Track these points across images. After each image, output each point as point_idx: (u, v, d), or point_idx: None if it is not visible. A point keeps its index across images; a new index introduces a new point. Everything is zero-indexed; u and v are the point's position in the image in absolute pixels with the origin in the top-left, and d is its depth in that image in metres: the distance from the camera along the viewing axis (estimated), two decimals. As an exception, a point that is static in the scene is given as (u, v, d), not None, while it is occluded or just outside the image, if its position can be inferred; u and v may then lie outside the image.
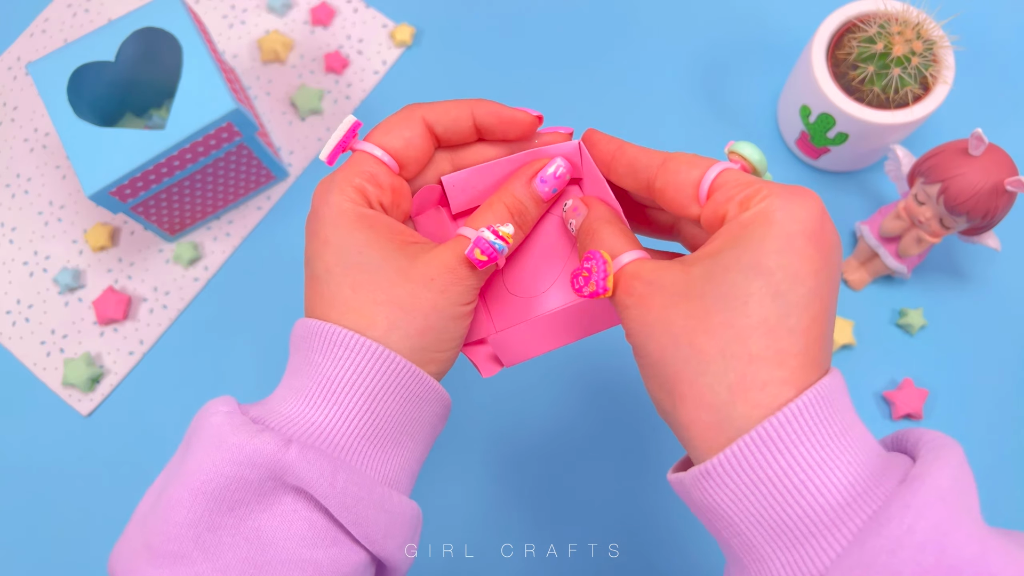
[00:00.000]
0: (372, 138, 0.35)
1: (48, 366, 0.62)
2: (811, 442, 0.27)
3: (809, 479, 0.27)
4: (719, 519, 0.29)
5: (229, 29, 0.69)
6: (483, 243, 0.33)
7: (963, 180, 0.49)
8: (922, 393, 0.58)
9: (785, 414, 0.27)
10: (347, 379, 0.32)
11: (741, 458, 0.28)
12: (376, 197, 0.34)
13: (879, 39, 0.54)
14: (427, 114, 0.35)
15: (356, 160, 0.35)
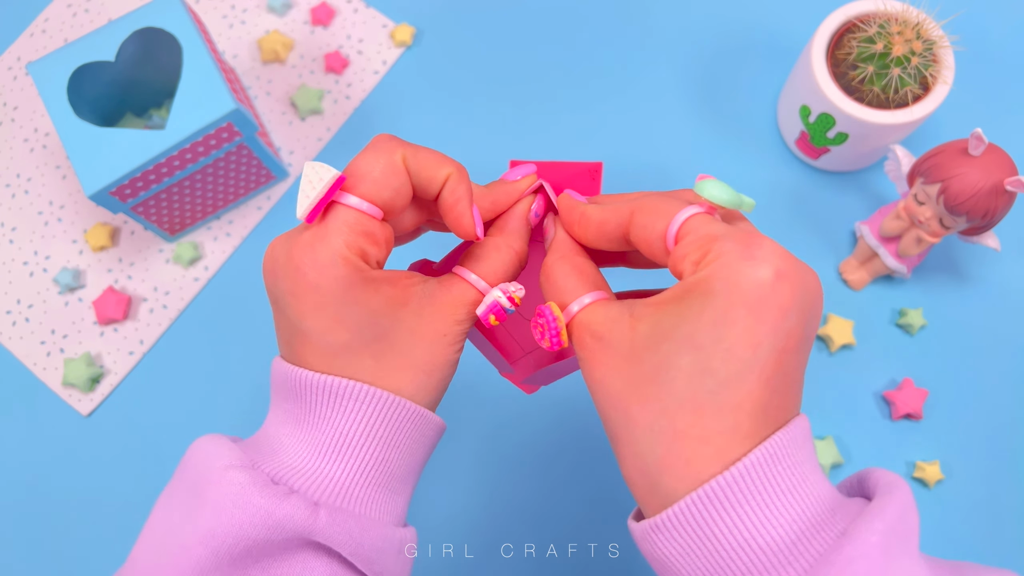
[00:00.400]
0: (361, 191, 0.32)
1: (48, 366, 0.62)
2: (742, 507, 0.27)
3: (744, 538, 0.27)
4: (666, 571, 0.30)
5: (229, 29, 0.69)
6: (497, 308, 0.33)
7: (963, 180, 0.49)
8: (922, 393, 0.58)
9: (709, 487, 0.27)
10: (360, 431, 0.32)
11: (670, 524, 0.28)
12: (375, 256, 0.32)
13: (879, 39, 0.54)
14: (411, 161, 0.33)
15: (347, 217, 0.31)
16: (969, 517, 0.57)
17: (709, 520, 0.27)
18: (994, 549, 0.57)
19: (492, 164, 0.65)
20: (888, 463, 0.58)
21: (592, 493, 0.58)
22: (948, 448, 0.58)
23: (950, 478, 0.58)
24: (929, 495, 0.57)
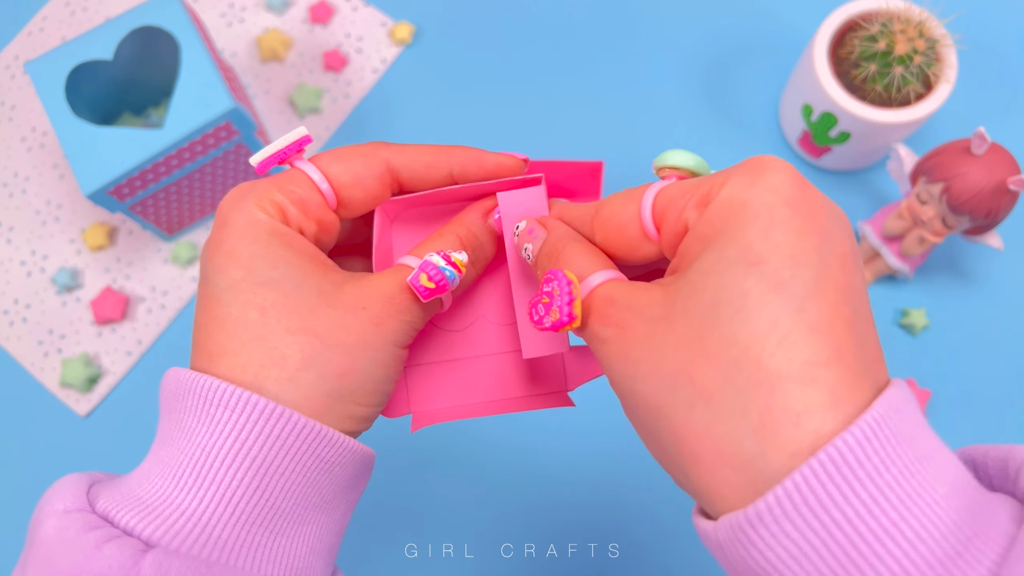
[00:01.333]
0: (319, 160, 0.29)
1: (46, 366, 0.61)
2: (876, 485, 0.20)
3: (882, 532, 0.19)
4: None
5: (227, 27, 0.69)
6: (431, 268, 0.27)
7: (966, 179, 0.49)
8: (924, 394, 0.58)
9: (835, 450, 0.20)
10: (228, 448, 0.25)
11: (781, 511, 0.20)
12: (297, 221, 0.28)
13: (881, 37, 0.53)
14: (393, 158, 0.30)
15: (288, 176, 0.29)
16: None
17: (839, 499, 0.19)
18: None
19: (492, 163, 0.64)
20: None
21: (592, 493, 0.58)
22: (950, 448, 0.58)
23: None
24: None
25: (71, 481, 0.26)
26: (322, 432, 0.26)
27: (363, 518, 0.58)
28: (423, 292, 0.27)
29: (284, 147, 0.29)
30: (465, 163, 0.30)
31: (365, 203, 0.30)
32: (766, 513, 0.20)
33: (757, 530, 0.20)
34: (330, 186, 0.29)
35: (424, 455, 0.59)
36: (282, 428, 0.25)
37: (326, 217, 0.29)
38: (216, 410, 0.25)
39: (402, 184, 0.31)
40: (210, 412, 0.25)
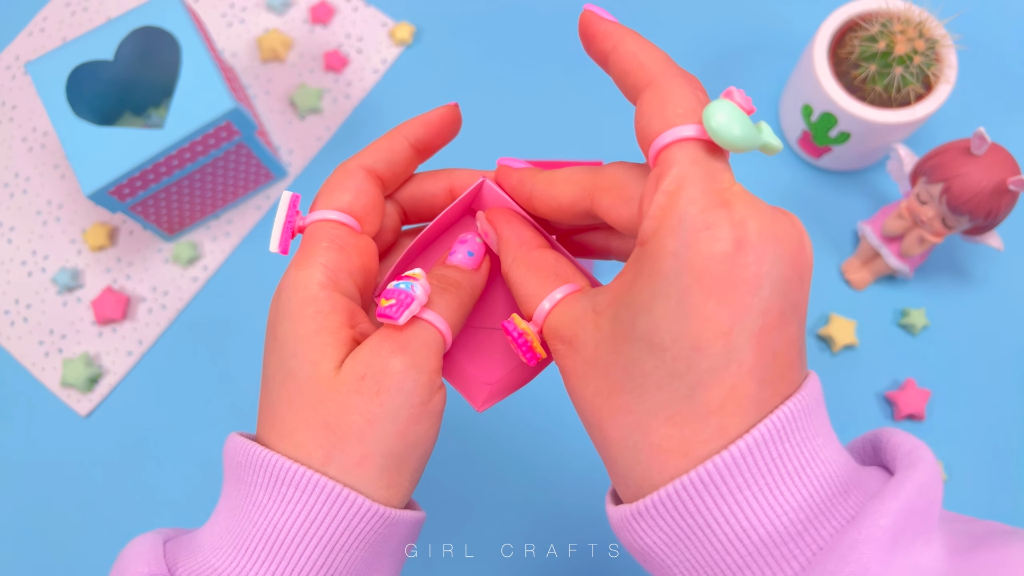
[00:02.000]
0: (317, 205, 0.30)
1: (47, 366, 0.62)
2: (740, 492, 0.24)
3: (741, 527, 0.24)
4: (648, 562, 0.26)
5: (228, 28, 0.69)
6: (388, 290, 0.27)
7: (966, 180, 0.49)
8: (924, 393, 0.58)
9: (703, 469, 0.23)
10: (299, 528, 0.26)
11: (655, 510, 0.24)
12: (347, 274, 0.29)
13: (881, 38, 0.53)
14: (362, 160, 0.31)
15: (312, 232, 0.29)
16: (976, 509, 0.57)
17: (700, 506, 0.24)
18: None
19: (492, 163, 0.64)
20: (890, 464, 0.58)
21: (592, 493, 0.58)
22: (950, 449, 0.58)
23: (952, 479, 0.58)
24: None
25: (149, 542, 0.28)
26: (388, 516, 0.27)
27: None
28: (391, 312, 0.27)
29: (285, 220, 0.30)
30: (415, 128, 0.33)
31: (376, 208, 0.31)
32: (643, 511, 0.25)
33: (637, 521, 0.25)
34: (347, 214, 0.30)
35: (424, 455, 0.59)
36: (351, 513, 0.26)
37: (361, 243, 0.30)
38: (286, 489, 0.26)
39: (381, 177, 0.32)
40: (282, 492, 0.27)
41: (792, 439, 0.24)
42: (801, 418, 0.24)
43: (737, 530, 0.24)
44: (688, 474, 0.23)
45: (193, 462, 0.59)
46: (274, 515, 0.27)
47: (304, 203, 0.63)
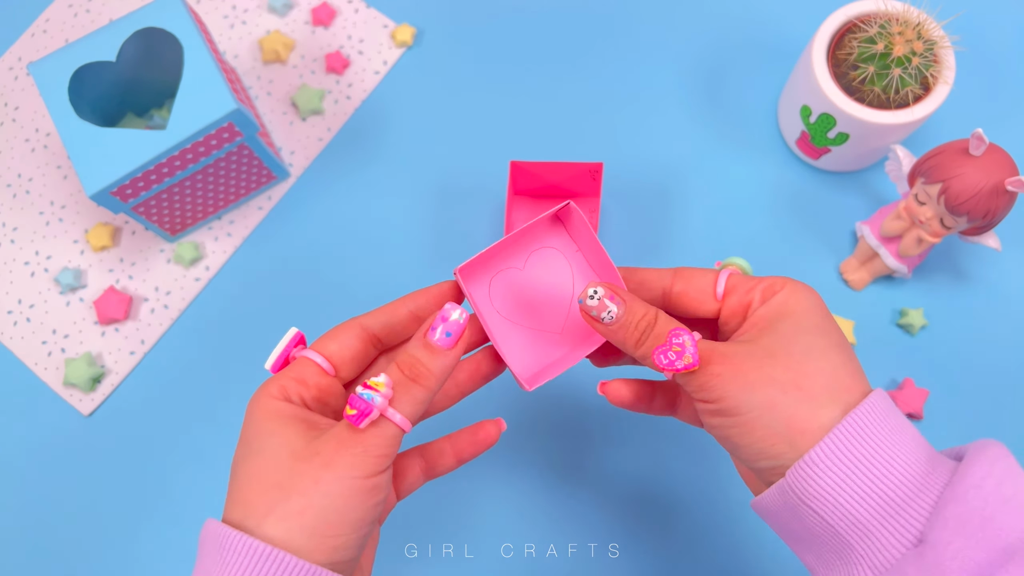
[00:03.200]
0: (314, 346, 0.39)
1: (49, 366, 0.62)
2: (886, 432, 0.34)
3: (892, 459, 0.34)
4: (824, 505, 0.34)
5: (230, 29, 0.69)
6: (353, 399, 0.33)
7: (964, 180, 0.49)
8: (923, 393, 0.58)
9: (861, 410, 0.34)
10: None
11: (825, 455, 0.34)
12: (297, 393, 0.36)
13: (880, 39, 0.53)
14: (363, 320, 0.40)
15: (292, 365, 0.38)
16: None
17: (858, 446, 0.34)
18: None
19: (493, 165, 0.65)
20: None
21: (592, 493, 0.58)
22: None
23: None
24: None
25: None
26: (304, 568, 0.32)
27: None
28: (353, 419, 0.33)
29: (283, 348, 0.38)
30: (419, 303, 0.40)
31: (356, 359, 0.39)
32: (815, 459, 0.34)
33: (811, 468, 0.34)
34: (324, 358, 0.38)
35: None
36: (276, 567, 0.32)
37: (325, 382, 0.38)
38: (227, 554, 0.32)
39: (379, 337, 0.40)
40: (224, 556, 0.32)
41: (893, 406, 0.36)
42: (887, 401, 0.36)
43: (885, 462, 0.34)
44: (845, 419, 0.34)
45: (195, 462, 0.59)
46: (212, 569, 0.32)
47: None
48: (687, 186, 0.64)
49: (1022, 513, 0.31)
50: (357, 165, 0.66)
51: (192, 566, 0.56)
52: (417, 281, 0.62)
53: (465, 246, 0.63)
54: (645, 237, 0.63)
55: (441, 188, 0.65)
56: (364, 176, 0.65)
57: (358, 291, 0.63)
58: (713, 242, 0.63)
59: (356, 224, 0.64)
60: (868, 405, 0.34)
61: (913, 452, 0.34)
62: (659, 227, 0.63)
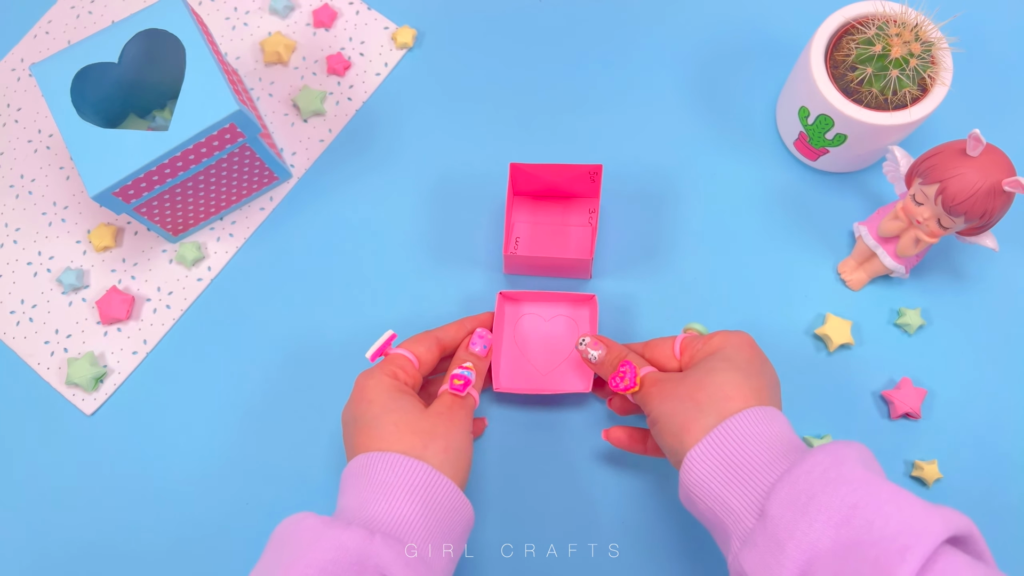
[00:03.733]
0: (403, 346, 0.53)
1: (52, 365, 0.62)
2: (754, 429, 0.44)
3: (752, 453, 0.43)
4: (702, 491, 0.44)
5: (232, 31, 0.69)
6: (455, 376, 0.52)
7: (961, 180, 0.49)
8: (920, 392, 0.58)
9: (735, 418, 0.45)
10: (404, 485, 0.45)
11: (713, 443, 0.44)
12: (403, 379, 0.51)
13: (877, 41, 0.54)
14: (438, 333, 0.55)
15: (391, 359, 0.52)
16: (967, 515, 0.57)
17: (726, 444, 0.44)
18: (991, 547, 0.56)
19: (493, 165, 0.65)
20: (886, 462, 0.58)
21: (592, 493, 0.58)
22: (946, 447, 0.58)
23: (948, 477, 0.58)
24: (928, 494, 0.57)
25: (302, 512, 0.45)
26: (446, 482, 0.47)
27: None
28: (459, 388, 0.51)
29: (382, 344, 0.52)
30: (472, 325, 0.57)
31: (432, 363, 0.54)
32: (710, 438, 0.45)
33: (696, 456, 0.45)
34: (416, 359, 0.53)
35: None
36: (427, 476, 0.46)
37: (416, 375, 0.53)
38: (395, 467, 0.46)
39: (445, 346, 0.55)
40: (391, 468, 0.46)
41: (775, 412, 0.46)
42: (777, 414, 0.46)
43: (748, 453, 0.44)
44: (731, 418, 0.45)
45: (198, 461, 0.60)
46: (389, 481, 0.45)
47: (307, 204, 0.63)
48: (686, 187, 0.64)
49: (837, 491, 0.39)
50: (358, 166, 0.66)
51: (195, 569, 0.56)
52: (417, 281, 0.63)
53: (466, 247, 0.63)
54: (644, 238, 0.63)
55: (442, 189, 0.65)
56: (365, 177, 0.65)
57: (360, 291, 0.63)
58: (711, 243, 0.63)
59: (357, 224, 0.64)
60: (743, 414, 0.44)
61: (771, 447, 0.43)
62: (658, 228, 0.63)
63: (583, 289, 0.62)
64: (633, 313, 0.62)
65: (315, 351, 0.61)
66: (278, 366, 0.61)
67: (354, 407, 0.50)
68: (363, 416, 0.49)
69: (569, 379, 0.59)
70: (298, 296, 0.63)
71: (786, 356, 0.60)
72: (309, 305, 0.62)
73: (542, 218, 0.63)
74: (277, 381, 0.61)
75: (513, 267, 0.61)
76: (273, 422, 0.60)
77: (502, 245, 0.59)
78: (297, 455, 0.59)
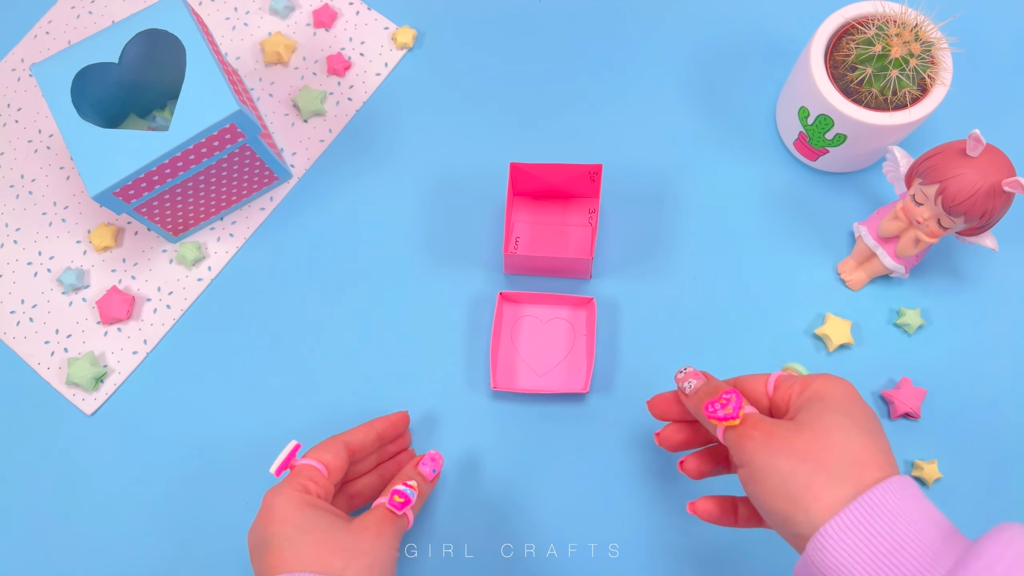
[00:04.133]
0: (310, 455, 0.50)
1: (52, 365, 0.62)
2: (903, 507, 0.37)
3: (905, 537, 0.37)
4: None
5: (232, 31, 0.69)
6: (398, 492, 0.49)
7: (961, 181, 0.49)
8: (920, 392, 0.58)
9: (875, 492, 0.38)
10: None
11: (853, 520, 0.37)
12: (315, 491, 0.48)
13: (877, 41, 0.54)
14: (345, 437, 0.52)
15: (299, 471, 0.48)
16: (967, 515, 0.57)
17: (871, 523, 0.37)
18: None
19: (494, 165, 0.65)
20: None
21: (592, 493, 0.58)
22: (946, 447, 0.58)
23: (948, 477, 0.58)
24: (927, 494, 0.57)
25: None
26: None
27: (366, 516, 0.58)
28: (397, 506, 0.48)
29: (286, 457, 0.49)
30: (382, 427, 0.54)
31: (342, 468, 0.50)
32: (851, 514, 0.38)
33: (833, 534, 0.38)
34: (325, 468, 0.49)
35: (426, 453, 0.59)
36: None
37: (327, 485, 0.49)
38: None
39: (355, 450, 0.52)
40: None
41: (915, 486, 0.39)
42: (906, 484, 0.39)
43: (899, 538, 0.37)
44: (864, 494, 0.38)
45: (198, 461, 0.60)
46: None
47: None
48: (685, 187, 0.64)
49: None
50: (359, 166, 0.66)
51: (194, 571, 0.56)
52: (418, 280, 0.63)
53: (466, 246, 0.63)
54: (644, 237, 0.63)
55: (443, 188, 0.65)
56: (366, 177, 0.65)
57: (359, 292, 0.63)
58: (711, 243, 0.63)
59: (358, 224, 0.64)
60: (886, 485, 0.38)
61: (927, 531, 0.37)
62: (657, 228, 0.63)
63: (582, 289, 0.62)
64: (633, 313, 0.62)
65: (317, 350, 0.61)
66: (278, 365, 0.61)
67: (263, 528, 0.46)
68: (275, 537, 0.45)
69: (566, 380, 0.59)
70: (298, 295, 0.63)
71: (786, 356, 0.60)
72: (311, 305, 0.62)
73: (542, 218, 0.63)
74: (279, 381, 0.61)
75: (513, 267, 0.61)
76: (275, 423, 0.60)
77: (502, 245, 0.59)
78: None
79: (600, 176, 0.59)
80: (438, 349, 0.61)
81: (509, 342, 0.60)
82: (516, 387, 0.59)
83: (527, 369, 0.60)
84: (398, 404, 0.59)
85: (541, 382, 0.60)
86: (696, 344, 0.61)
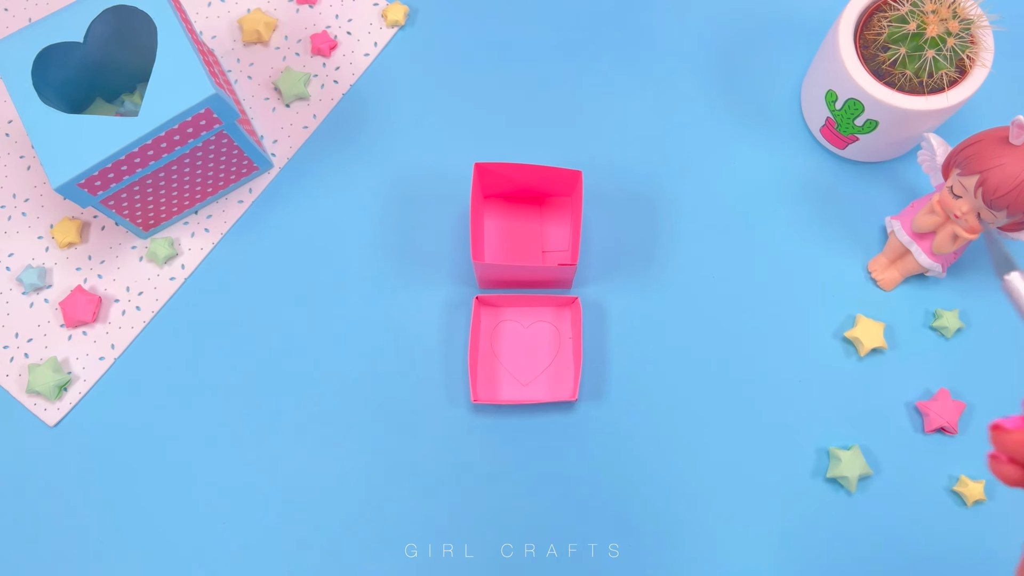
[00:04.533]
0: None
1: (11, 372, 0.61)
2: None
3: None
4: None
5: (207, 8, 0.68)
6: None
7: (1003, 171, 0.49)
8: (959, 406, 0.58)
9: None
10: None
11: None
12: None
13: (912, 18, 0.53)
14: None
15: None
16: (1011, 541, 0.57)
17: None
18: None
19: (490, 154, 0.65)
20: (921, 477, 0.58)
21: (592, 493, 0.58)
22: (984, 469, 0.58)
23: (992, 500, 0.57)
24: (967, 514, 0.57)
25: None
26: None
27: (364, 518, 0.58)
28: None
29: None
30: None
31: None
32: None
33: None
34: None
35: (419, 468, 0.59)
36: None
37: None
38: None
39: None
40: None
41: None
42: None
43: None
44: None
45: (168, 474, 0.59)
46: None
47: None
48: (705, 175, 0.64)
49: None
50: (345, 154, 0.65)
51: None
52: (404, 279, 0.62)
53: (444, 248, 0.63)
54: (652, 234, 0.63)
55: (437, 180, 0.65)
56: (353, 166, 0.65)
57: (343, 289, 0.62)
58: (732, 238, 0.63)
59: (343, 218, 0.64)
60: None
61: None
62: (675, 218, 0.63)
63: None
64: (635, 313, 0.61)
65: (295, 354, 0.61)
66: (256, 371, 0.61)
67: None
68: None
69: (552, 388, 0.60)
70: (279, 296, 0.63)
71: (813, 361, 0.60)
72: (290, 305, 0.62)
73: (516, 223, 0.63)
74: (255, 387, 0.61)
75: (487, 279, 0.61)
76: (250, 430, 0.60)
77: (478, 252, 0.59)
78: (277, 468, 0.59)
79: (581, 182, 0.58)
80: (415, 358, 0.61)
81: (488, 351, 0.61)
82: (499, 399, 0.60)
83: (510, 378, 0.60)
84: (376, 418, 0.59)
85: (526, 392, 0.60)
86: (707, 349, 0.61)
